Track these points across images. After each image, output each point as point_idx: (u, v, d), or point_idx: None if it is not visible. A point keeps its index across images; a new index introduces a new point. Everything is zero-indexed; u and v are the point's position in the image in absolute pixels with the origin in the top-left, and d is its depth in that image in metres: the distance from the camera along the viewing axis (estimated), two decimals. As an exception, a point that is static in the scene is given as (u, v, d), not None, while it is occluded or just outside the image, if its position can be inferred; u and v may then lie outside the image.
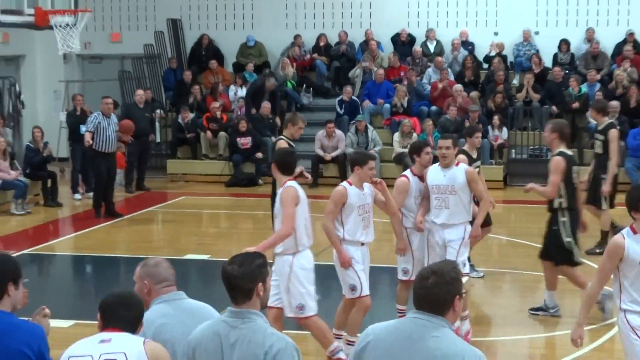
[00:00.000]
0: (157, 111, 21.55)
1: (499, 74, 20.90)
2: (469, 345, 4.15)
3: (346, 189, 8.56)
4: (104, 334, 4.51)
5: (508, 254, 13.91)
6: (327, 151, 20.07)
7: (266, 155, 19.76)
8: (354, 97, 21.42)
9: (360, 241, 8.65)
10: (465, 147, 11.34)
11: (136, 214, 17.20)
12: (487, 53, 22.18)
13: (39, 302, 5.32)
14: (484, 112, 20.23)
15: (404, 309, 9.50)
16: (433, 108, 21.03)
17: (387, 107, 21.12)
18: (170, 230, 16.43)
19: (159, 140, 21.78)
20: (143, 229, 16.21)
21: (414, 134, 19.82)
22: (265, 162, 19.64)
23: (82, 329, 8.92)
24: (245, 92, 22.02)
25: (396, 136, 20.10)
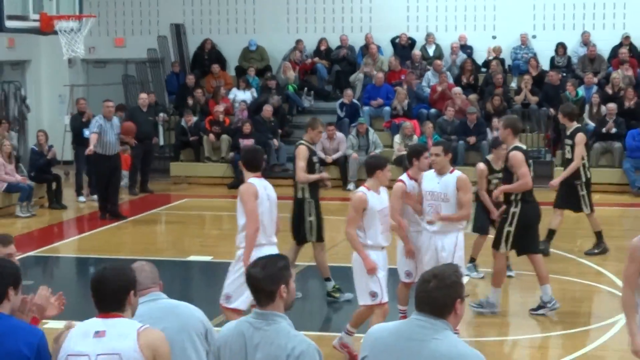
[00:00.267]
0: (161, 115, 21.62)
1: (497, 77, 21.03)
2: (470, 347, 4.19)
3: (365, 195, 8.43)
4: (97, 321, 4.58)
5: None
6: (328, 153, 20.07)
7: (268, 158, 19.80)
8: (354, 100, 21.56)
9: (382, 245, 8.56)
10: (489, 157, 11.45)
11: (140, 216, 17.27)
12: (485, 58, 22.40)
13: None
14: (482, 115, 20.38)
15: (405, 309, 9.53)
16: (432, 111, 21.15)
17: (387, 109, 21.21)
18: (174, 232, 16.53)
19: (162, 143, 21.86)
20: (147, 230, 16.30)
21: (414, 136, 19.98)
22: (267, 165, 19.74)
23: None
24: (248, 94, 22.21)
25: (397, 138, 20.20)
